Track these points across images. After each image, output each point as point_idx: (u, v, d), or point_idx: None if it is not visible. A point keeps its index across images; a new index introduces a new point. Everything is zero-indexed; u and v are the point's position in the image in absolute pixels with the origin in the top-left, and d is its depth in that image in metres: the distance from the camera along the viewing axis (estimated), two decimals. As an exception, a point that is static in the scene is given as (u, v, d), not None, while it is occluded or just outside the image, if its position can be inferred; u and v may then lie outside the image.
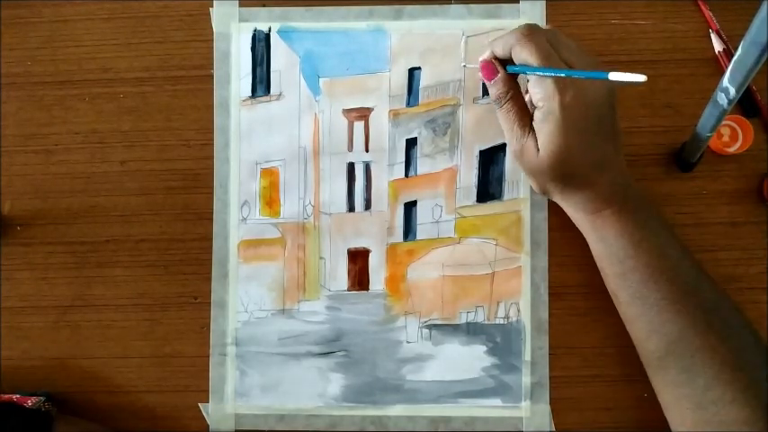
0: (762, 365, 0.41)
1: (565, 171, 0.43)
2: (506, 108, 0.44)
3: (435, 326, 0.50)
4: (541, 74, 0.41)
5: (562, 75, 0.40)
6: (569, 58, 0.41)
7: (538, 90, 0.41)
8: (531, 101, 0.43)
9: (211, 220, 0.51)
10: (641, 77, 0.35)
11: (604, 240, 0.44)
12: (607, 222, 0.44)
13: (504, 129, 0.44)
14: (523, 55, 0.41)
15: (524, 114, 0.43)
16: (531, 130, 0.43)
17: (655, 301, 0.42)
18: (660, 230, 0.44)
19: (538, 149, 0.42)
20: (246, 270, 0.51)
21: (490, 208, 0.50)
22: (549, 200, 0.48)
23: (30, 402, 0.46)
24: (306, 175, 0.51)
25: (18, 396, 0.46)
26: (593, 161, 0.43)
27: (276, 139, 0.51)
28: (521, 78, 0.45)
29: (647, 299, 0.42)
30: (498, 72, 0.44)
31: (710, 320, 0.41)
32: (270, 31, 0.52)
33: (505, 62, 0.44)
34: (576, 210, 0.45)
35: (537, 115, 0.42)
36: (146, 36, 0.52)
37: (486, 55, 0.44)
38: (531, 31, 0.42)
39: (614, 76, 0.36)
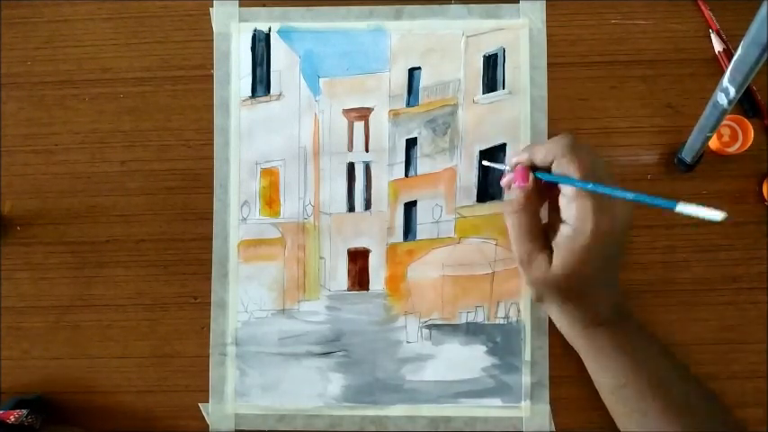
0: None
1: (574, 289, 0.42)
2: (522, 218, 0.42)
3: (435, 326, 0.50)
4: (600, 191, 0.39)
5: (626, 196, 0.37)
6: (602, 177, 0.40)
7: (572, 208, 0.40)
8: (547, 214, 0.42)
9: (211, 220, 0.51)
10: (719, 215, 0.31)
11: (601, 354, 0.44)
12: (604, 336, 0.44)
13: (513, 235, 0.43)
14: (570, 168, 0.40)
15: (537, 225, 0.43)
16: (545, 244, 0.42)
17: (655, 415, 0.41)
18: (651, 342, 0.44)
19: (549, 263, 0.41)
20: (246, 270, 0.51)
21: (490, 208, 0.50)
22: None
23: (12, 418, 0.46)
24: (306, 175, 0.51)
25: (1, 412, 0.46)
26: (602, 282, 0.43)
27: (276, 139, 0.51)
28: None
29: (646, 412, 0.42)
30: (529, 178, 0.42)
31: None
32: (270, 31, 0.52)
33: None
34: (571, 324, 0.45)
35: (564, 231, 0.41)
36: (146, 36, 0.52)
37: (523, 159, 0.43)
38: (575, 145, 0.41)
39: (683, 208, 0.32)
